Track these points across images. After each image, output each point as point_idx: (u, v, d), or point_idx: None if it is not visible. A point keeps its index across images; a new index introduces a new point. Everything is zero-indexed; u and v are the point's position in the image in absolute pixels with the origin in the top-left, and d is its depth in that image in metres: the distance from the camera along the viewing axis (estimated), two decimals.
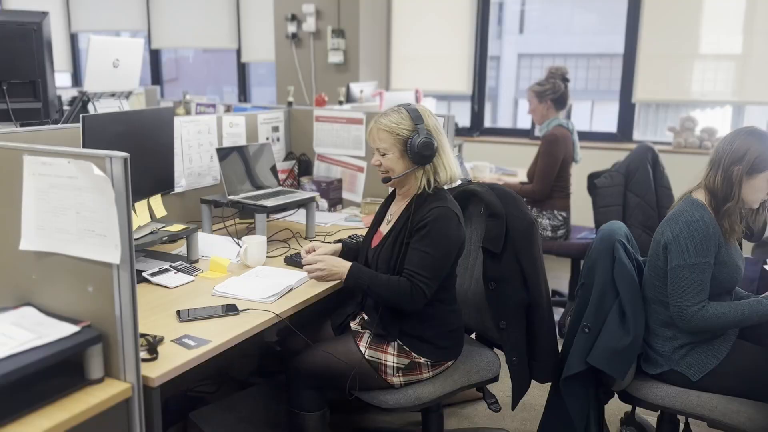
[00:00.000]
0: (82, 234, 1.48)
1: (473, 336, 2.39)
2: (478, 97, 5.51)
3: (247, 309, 1.96)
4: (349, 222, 3.05)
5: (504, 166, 4.67)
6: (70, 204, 1.48)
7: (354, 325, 2.21)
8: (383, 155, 2.05)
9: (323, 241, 2.59)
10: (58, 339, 1.44)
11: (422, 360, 2.07)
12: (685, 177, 3.56)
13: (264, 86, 9.87)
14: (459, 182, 2.18)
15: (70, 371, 1.49)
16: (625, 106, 5.01)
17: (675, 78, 4.81)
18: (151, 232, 2.29)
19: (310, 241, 2.75)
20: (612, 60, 11.40)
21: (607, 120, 5.91)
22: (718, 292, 2.05)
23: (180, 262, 2.31)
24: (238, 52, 6.47)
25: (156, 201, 2.42)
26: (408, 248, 2.00)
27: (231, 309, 1.95)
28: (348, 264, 2.06)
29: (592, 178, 3.65)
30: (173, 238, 2.31)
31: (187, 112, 3.76)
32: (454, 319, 2.13)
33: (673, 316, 2.04)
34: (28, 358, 1.37)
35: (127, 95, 3.06)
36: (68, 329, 1.48)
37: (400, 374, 2.07)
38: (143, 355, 1.62)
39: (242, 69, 6.58)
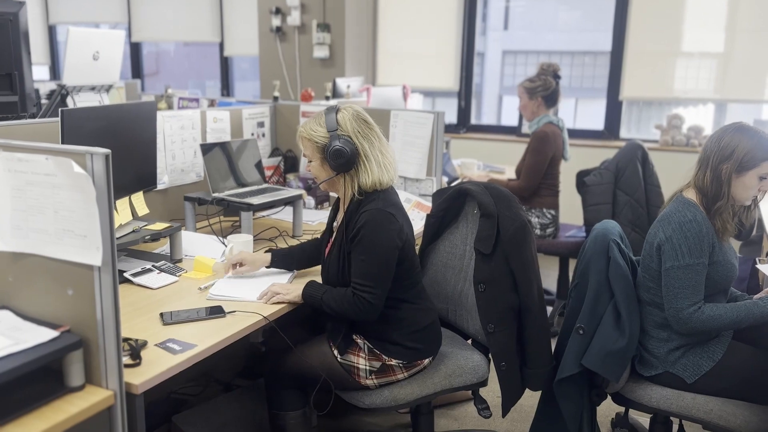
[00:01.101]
0: (60, 234, 1.40)
1: (470, 342, 2.34)
2: (465, 93, 5.46)
3: (234, 311, 1.89)
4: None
5: (491, 163, 4.63)
6: (48, 203, 1.40)
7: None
8: (309, 162, 2.03)
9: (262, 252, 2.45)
10: (35, 345, 1.36)
11: (394, 362, 2.02)
12: (672, 175, 3.57)
13: (247, 80, 9.74)
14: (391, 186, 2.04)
15: (49, 378, 1.42)
16: (613, 104, 5.00)
17: (658, 76, 4.81)
18: (133, 231, 2.21)
19: (297, 240, 2.68)
20: (596, 57, 11.44)
21: (591, 117, 5.91)
22: (713, 292, 2.02)
23: (163, 262, 2.24)
24: (221, 45, 6.36)
25: (138, 198, 2.34)
26: (350, 257, 1.95)
27: (217, 311, 1.88)
28: (302, 285, 2.00)
29: (581, 176, 3.62)
30: (156, 237, 2.24)
31: (169, 107, 3.66)
32: (424, 317, 2.07)
33: (669, 318, 2.01)
34: (4, 365, 1.29)
35: (108, 89, 2.96)
36: (47, 334, 1.41)
37: (373, 377, 2.02)
38: (126, 360, 1.55)
39: (225, 63, 6.47)
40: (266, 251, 2.25)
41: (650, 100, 5.10)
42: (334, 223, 2.14)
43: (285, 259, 2.24)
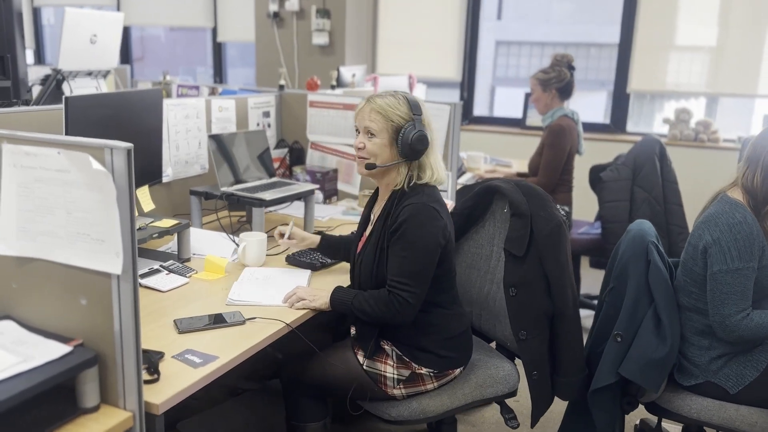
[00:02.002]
0: (73, 238, 1.25)
1: (493, 345, 2.22)
2: (468, 84, 5.33)
3: (254, 317, 1.75)
4: (347, 215, 2.85)
5: (495, 156, 4.51)
6: (60, 202, 1.25)
7: (353, 331, 2.02)
8: (370, 138, 1.84)
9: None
10: (46, 362, 1.21)
11: (424, 371, 1.89)
12: (683, 170, 3.48)
13: (236, 67, 9.52)
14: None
15: (60, 398, 1.27)
16: (620, 97, 4.89)
17: (652, 69, 4.73)
18: (140, 229, 2.06)
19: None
20: (589, 49, 11.35)
21: (585, 109, 5.81)
22: (760, 297, 1.92)
23: (171, 262, 2.09)
24: (214, 31, 6.15)
25: (143, 193, 2.18)
26: (389, 253, 1.82)
27: (236, 318, 1.74)
28: (329, 289, 1.87)
29: (596, 171, 3.51)
30: (163, 235, 2.09)
31: (168, 95, 3.48)
32: (457, 324, 1.95)
33: (713, 326, 1.91)
34: (12, 387, 1.14)
35: (105, 74, 2.79)
36: (57, 349, 1.26)
37: (401, 386, 1.89)
38: (143, 376, 1.41)
39: (218, 49, 6.26)
40: (316, 233, 2.19)
41: (646, 93, 4.99)
42: (372, 215, 1.99)
43: (332, 248, 2.15)
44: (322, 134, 3.13)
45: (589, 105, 4.90)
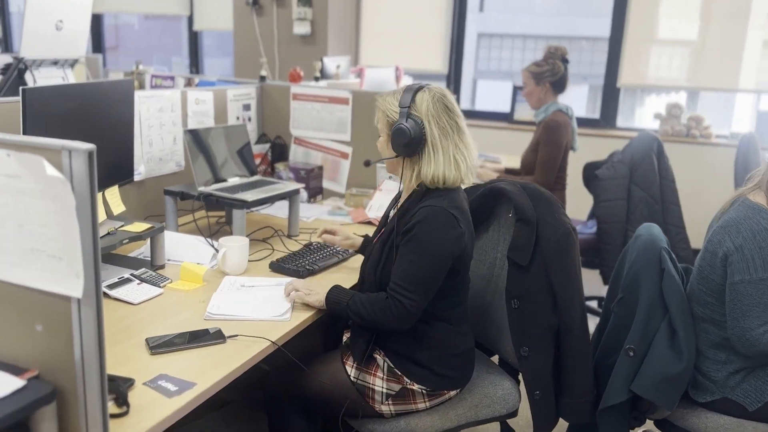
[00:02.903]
0: (27, 255, 1.07)
1: (495, 359, 2.07)
2: (455, 77, 5.17)
3: (236, 335, 1.57)
4: (333, 216, 2.68)
5: (482, 150, 4.35)
6: (10, 213, 1.06)
7: (346, 338, 1.88)
8: (380, 137, 1.81)
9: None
10: None
11: (416, 387, 1.73)
12: (675, 167, 3.37)
13: (212, 57, 9.26)
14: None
15: None
16: (609, 91, 4.77)
17: (633, 63, 4.65)
18: (109, 233, 1.87)
19: (292, 239, 2.37)
20: (571, 42, 11.26)
21: (568, 103, 5.71)
22: None
23: (143, 270, 1.91)
24: (190, 19, 5.91)
25: (113, 194, 1.99)
26: (397, 254, 1.69)
27: (215, 335, 1.56)
28: (327, 286, 1.77)
29: (591, 168, 3.38)
30: (134, 240, 1.90)
31: (141, 85, 3.27)
32: (461, 343, 1.78)
33: (732, 339, 1.78)
34: None
35: (72, 63, 2.57)
36: (8, 383, 1.07)
37: (390, 402, 1.74)
38: (110, 408, 1.23)
39: (194, 38, 6.02)
40: (363, 236, 2.10)
41: (630, 87, 4.88)
42: (392, 212, 1.86)
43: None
44: (306, 129, 2.95)
45: (569, 99, 4.79)
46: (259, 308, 1.72)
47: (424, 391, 1.75)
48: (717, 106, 8.22)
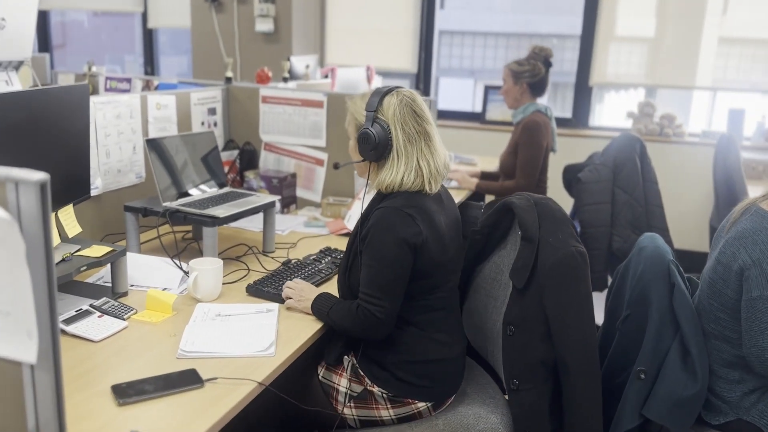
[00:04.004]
0: None
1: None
2: (424, 75, 5.02)
3: (215, 378, 1.38)
4: (309, 228, 2.50)
5: (454, 152, 4.22)
6: None
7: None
8: (350, 140, 1.80)
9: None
10: None
11: (376, 390, 1.67)
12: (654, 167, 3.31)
13: (167, 56, 8.91)
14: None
15: None
16: (582, 91, 4.69)
17: (596, 61, 4.62)
18: (63, 260, 1.65)
19: (268, 256, 2.18)
20: (531, 40, 11.26)
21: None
22: None
23: (104, 299, 1.70)
24: (144, 16, 5.61)
25: (67, 214, 1.77)
26: (360, 261, 1.65)
27: (191, 379, 1.37)
28: (319, 290, 1.77)
29: (572, 171, 3.27)
30: (93, 267, 1.68)
31: (94, 89, 3.02)
32: (431, 350, 1.67)
33: (748, 358, 1.67)
34: None
35: (17, 66, 2.32)
36: None
37: (352, 405, 1.70)
38: None
39: (148, 36, 5.73)
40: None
41: (596, 85, 4.84)
42: None
43: None
44: (277, 134, 2.76)
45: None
46: (239, 342, 1.53)
47: (384, 395, 1.67)
48: (673, 103, 8.31)
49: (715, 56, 4.42)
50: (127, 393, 1.30)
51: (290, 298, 1.76)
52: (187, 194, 2.14)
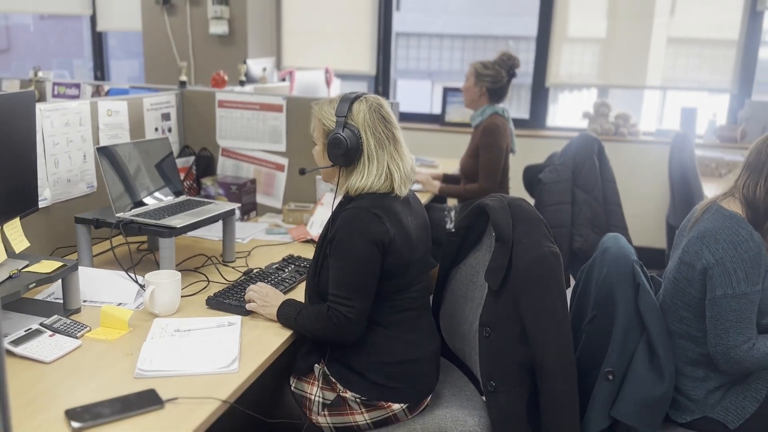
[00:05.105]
0: None
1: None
2: (383, 77, 5.00)
3: (176, 398, 1.32)
4: (271, 235, 2.44)
5: (415, 154, 4.20)
6: None
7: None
8: (315, 146, 1.79)
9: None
10: None
11: (349, 395, 1.64)
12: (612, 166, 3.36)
13: (117, 59, 8.68)
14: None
15: None
16: (538, 91, 4.73)
17: (550, 61, 4.67)
18: (10, 277, 1.56)
19: (229, 266, 2.11)
20: (486, 41, 11.37)
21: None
22: (757, 322, 1.72)
23: (56, 317, 1.61)
24: (93, 18, 5.44)
25: (13, 228, 1.67)
26: (329, 264, 1.65)
27: (150, 400, 1.30)
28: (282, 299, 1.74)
29: (533, 172, 3.28)
30: (42, 283, 1.60)
31: (41, 96, 2.89)
32: (401, 350, 1.66)
33: (714, 357, 1.68)
34: None
35: None
36: None
37: (326, 413, 1.66)
38: None
39: (98, 39, 5.56)
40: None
41: (551, 86, 4.90)
42: None
43: None
44: (235, 139, 2.69)
45: None
46: (200, 359, 1.47)
47: (358, 400, 1.65)
48: (625, 103, 8.50)
49: (664, 56, 4.51)
50: (82, 417, 1.23)
51: (253, 302, 1.73)
52: (141, 204, 2.06)
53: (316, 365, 1.69)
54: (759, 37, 4.31)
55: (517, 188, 3.54)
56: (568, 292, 2.08)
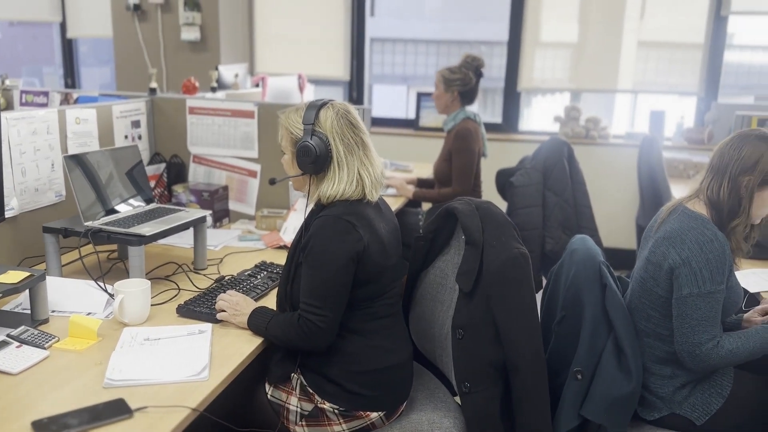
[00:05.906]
0: None
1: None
2: (357, 83, 5.01)
3: (145, 407, 1.31)
4: (244, 242, 2.43)
5: (389, 159, 4.22)
6: None
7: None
8: (284, 155, 1.78)
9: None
10: None
11: (327, 406, 1.64)
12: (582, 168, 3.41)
13: (88, 66, 8.58)
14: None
15: None
16: (510, 96, 4.78)
17: (523, 66, 4.73)
18: None
19: (200, 274, 2.10)
20: (461, 46, 11.44)
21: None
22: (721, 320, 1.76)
23: (23, 328, 1.59)
24: (62, 25, 5.38)
25: None
26: (301, 272, 1.65)
27: (119, 409, 1.29)
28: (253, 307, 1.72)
29: (505, 175, 3.31)
30: (9, 294, 1.58)
31: (8, 104, 2.86)
32: (377, 358, 1.67)
33: (681, 355, 1.72)
34: None
35: None
36: None
37: (304, 423, 1.66)
38: None
39: (68, 46, 5.50)
40: None
41: (524, 90, 4.97)
42: None
43: None
44: (206, 146, 2.68)
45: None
46: (169, 367, 1.46)
47: (336, 411, 1.64)
48: (598, 107, 8.62)
49: (635, 60, 4.59)
50: (49, 428, 1.22)
51: (224, 311, 1.72)
52: (111, 212, 2.04)
53: (293, 375, 1.68)
54: (723, 41, 4.41)
55: (489, 192, 3.58)
56: (540, 294, 2.12)
